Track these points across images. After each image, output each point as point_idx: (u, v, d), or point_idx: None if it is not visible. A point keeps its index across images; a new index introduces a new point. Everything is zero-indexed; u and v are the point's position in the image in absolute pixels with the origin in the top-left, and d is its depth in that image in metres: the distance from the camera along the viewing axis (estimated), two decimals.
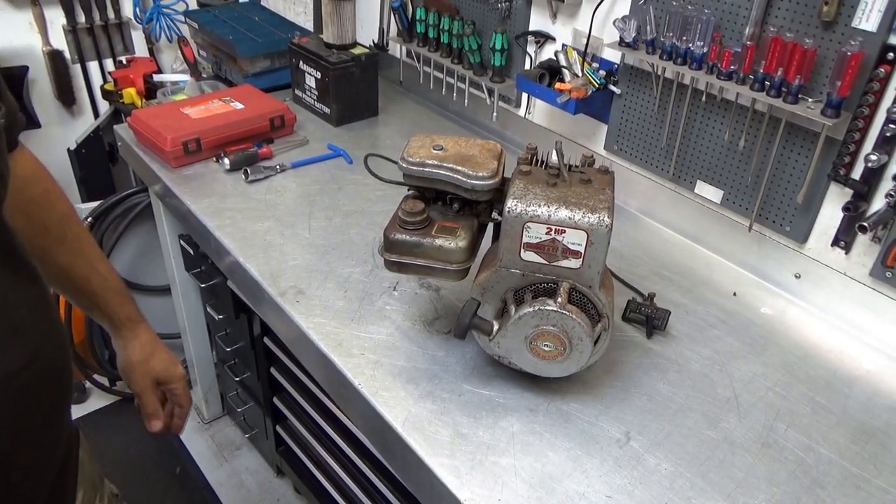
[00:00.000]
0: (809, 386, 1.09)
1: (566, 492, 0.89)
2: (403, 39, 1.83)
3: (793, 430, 1.01)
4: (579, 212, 0.88)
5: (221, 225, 1.36)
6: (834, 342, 1.19)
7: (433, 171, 0.96)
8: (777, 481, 0.93)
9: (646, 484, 0.91)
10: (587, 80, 1.43)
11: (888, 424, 1.03)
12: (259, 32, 2.05)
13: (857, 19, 1.06)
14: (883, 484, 0.94)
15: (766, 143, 1.24)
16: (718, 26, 1.22)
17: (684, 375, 1.09)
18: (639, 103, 1.43)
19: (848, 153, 1.14)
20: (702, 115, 1.33)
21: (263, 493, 2.05)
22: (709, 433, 0.99)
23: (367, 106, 1.85)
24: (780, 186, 1.26)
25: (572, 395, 1.04)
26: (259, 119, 1.65)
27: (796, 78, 1.11)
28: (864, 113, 1.10)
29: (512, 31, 1.60)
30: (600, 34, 1.44)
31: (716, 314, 1.23)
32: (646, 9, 1.30)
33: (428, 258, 0.97)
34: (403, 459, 0.97)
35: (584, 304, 0.94)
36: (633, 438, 0.98)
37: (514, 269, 0.94)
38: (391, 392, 1.02)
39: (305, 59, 1.79)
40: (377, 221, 1.41)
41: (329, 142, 1.72)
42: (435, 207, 1.01)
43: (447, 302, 1.21)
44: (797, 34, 1.12)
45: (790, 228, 1.27)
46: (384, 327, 1.14)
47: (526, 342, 0.94)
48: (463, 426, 0.97)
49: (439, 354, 1.09)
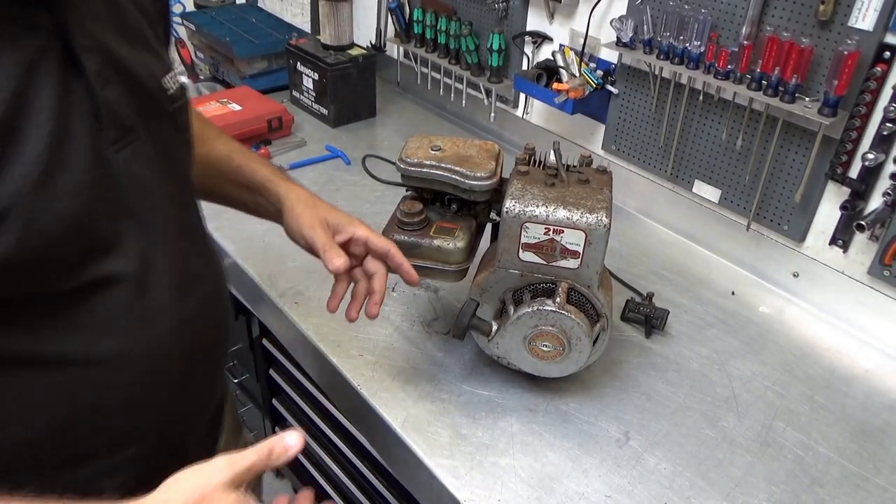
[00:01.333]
0: (808, 385, 1.09)
1: (566, 492, 0.90)
2: (401, 40, 1.83)
3: (791, 429, 1.01)
4: (577, 212, 0.88)
5: (220, 227, 1.36)
6: (832, 341, 1.19)
7: (431, 172, 0.96)
8: (776, 480, 0.93)
9: (645, 483, 0.91)
10: (584, 80, 1.43)
11: (887, 423, 1.04)
12: (256, 34, 2.05)
13: (854, 18, 1.06)
14: (882, 482, 0.94)
15: (763, 143, 1.24)
16: (715, 26, 1.23)
17: (683, 375, 1.09)
18: (636, 103, 1.44)
19: (845, 152, 1.14)
20: (699, 114, 1.33)
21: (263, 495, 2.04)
22: (708, 432, 1.00)
23: (364, 107, 1.85)
24: (778, 185, 1.26)
25: (571, 395, 1.04)
26: (257, 120, 1.65)
27: (793, 77, 1.11)
28: (861, 112, 1.10)
29: (509, 31, 1.60)
30: (597, 34, 1.44)
31: (714, 313, 1.23)
32: (643, 9, 1.30)
33: (426, 259, 0.97)
34: (403, 460, 0.97)
35: (582, 304, 0.94)
36: (632, 438, 0.98)
37: (512, 269, 0.94)
38: (390, 393, 1.02)
39: (303, 60, 1.79)
40: (375, 222, 1.40)
41: (327, 143, 1.72)
42: (433, 208, 1.01)
43: (446, 302, 1.21)
44: (794, 33, 1.12)
45: (788, 227, 1.27)
46: (383, 328, 1.14)
47: (525, 342, 0.94)
48: (462, 426, 0.97)
49: (438, 355, 1.09)
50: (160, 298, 0.68)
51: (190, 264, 0.73)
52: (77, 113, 0.58)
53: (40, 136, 0.55)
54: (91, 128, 0.60)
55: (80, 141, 0.58)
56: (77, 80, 0.59)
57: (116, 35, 0.64)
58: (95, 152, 0.60)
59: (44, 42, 0.56)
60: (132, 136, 0.65)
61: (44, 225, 0.56)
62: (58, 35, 0.57)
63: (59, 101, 0.57)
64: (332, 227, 0.88)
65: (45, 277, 0.59)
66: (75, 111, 0.58)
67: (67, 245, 0.59)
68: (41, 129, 0.55)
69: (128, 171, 0.64)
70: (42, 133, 0.55)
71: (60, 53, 0.58)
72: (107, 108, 0.61)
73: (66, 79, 0.58)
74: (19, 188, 0.54)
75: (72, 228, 0.58)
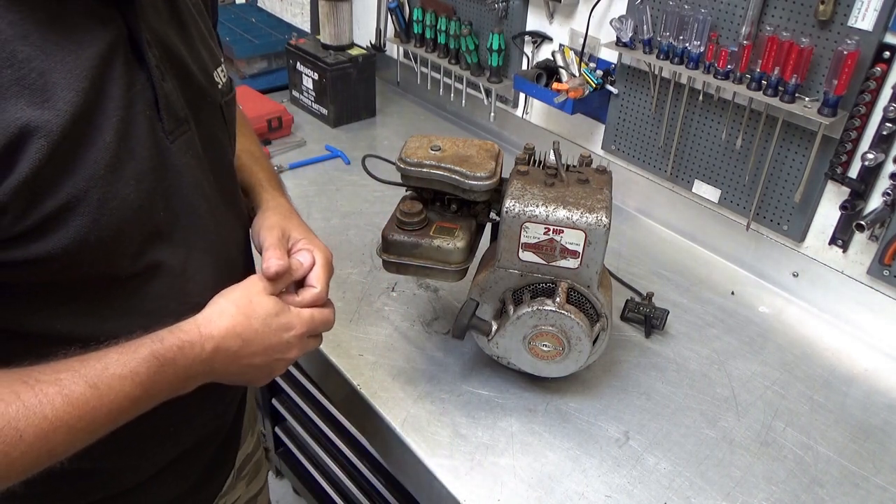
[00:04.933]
0: (808, 384, 1.09)
1: (565, 491, 0.90)
2: (401, 40, 1.83)
3: (791, 429, 1.01)
4: (577, 212, 0.88)
5: None
6: (832, 341, 1.19)
7: (431, 172, 0.96)
8: (776, 480, 0.93)
9: (645, 483, 0.91)
10: (584, 79, 1.43)
11: (886, 423, 1.04)
12: (256, 34, 2.05)
13: (854, 18, 1.06)
14: (881, 482, 0.94)
15: (763, 142, 1.24)
16: (715, 26, 1.23)
17: (683, 374, 1.09)
18: (636, 103, 1.44)
19: (845, 152, 1.14)
20: (699, 114, 1.33)
21: None
22: (707, 432, 1.00)
23: (364, 107, 1.85)
24: (778, 185, 1.26)
25: (571, 395, 1.04)
26: (256, 120, 1.65)
27: (793, 77, 1.11)
28: (860, 111, 1.10)
29: (509, 31, 1.60)
30: (597, 34, 1.44)
31: (714, 313, 1.23)
32: (642, 8, 1.30)
33: (426, 259, 0.97)
34: (403, 460, 0.97)
35: (582, 303, 0.94)
36: (631, 438, 0.98)
37: (512, 269, 0.94)
38: (390, 393, 1.02)
39: (303, 60, 1.79)
40: (375, 222, 1.41)
41: (327, 143, 1.72)
42: (433, 208, 1.01)
43: (446, 302, 1.21)
44: (793, 33, 1.12)
45: (788, 227, 1.27)
46: (383, 328, 1.14)
47: (524, 342, 0.94)
48: (462, 426, 0.97)
49: (438, 355, 1.09)
50: (203, 284, 0.72)
51: (229, 252, 0.79)
52: (140, 104, 0.62)
53: (111, 124, 0.59)
54: (151, 119, 0.63)
55: (142, 131, 0.62)
56: (139, 73, 0.62)
57: (173, 29, 0.68)
58: (154, 142, 0.64)
59: (115, 36, 0.60)
60: (184, 128, 0.68)
61: (114, 208, 0.60)
62: (125, 29, 0.61)
63: (125, 92, 0.60)
64: (291, 239, 0.83)
65: (111, 262, 0.63)
66: (138, 102, 0.62)
67: (132, 230, 0.63)
68: (111, 119, 0.59)
69: (179, 161, 0.67)
70: (112, 122, 0.59)
71: (126, 47, 0.61)
72: (164, 100, 0.64)
73: (131, 71, 0.61)
74: (94, 173, 0.58)
75: (136, 214, 0.62)
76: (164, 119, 0.65)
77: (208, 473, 0.90)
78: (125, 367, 0.60)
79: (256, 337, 0.70)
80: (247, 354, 0.70)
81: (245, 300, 0.71)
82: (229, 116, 0.80)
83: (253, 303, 0.71)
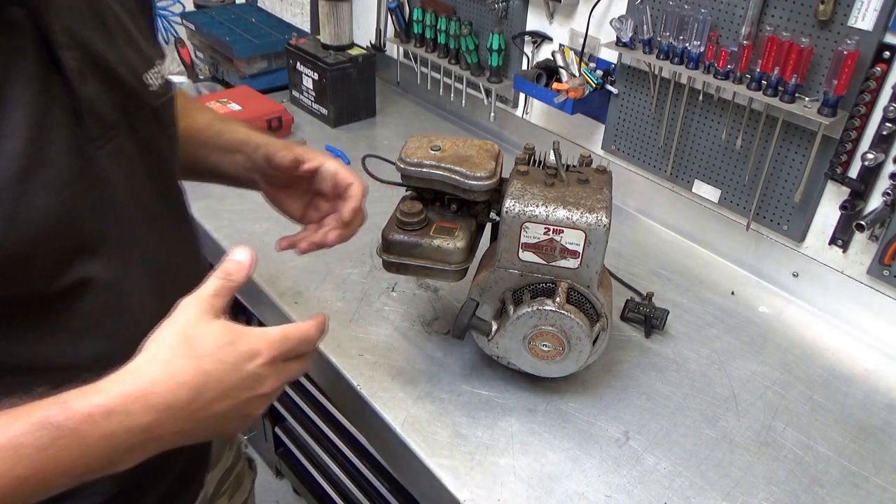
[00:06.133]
0: (808, 384, 1.09)
1: (565, 491, 0.90)
2: (400, 40, 1.83)
3: (791, 429, 1.01)
4: (577, 212, 0.88)
5: (219, 227, 1.36)
6: (832, 341, 1.19)
7: (431, 172, 0.96)
8: (776, 480, 0.93)
9: (645, 483, 0.91)
10: (584, 79, 1.43)
11: (886, 423, 1.04)
12: (256, 34, 2.05)
13: (853, 18, 1.06)
14: (881, 482, 0.94)
15: (763, 142, 1.24)
16: (715, 26, 1.23)
17: (683, 374, 1.09)
18: (636, 103, 1.44)
19: (845, 152, 1.14)
20: (699, 114, 1.33)
21: (262, 495, 2.04)
22: (707, 432, 1.00)
23: (364, 107, 1.85)
24: (778, 185, 1.26)
25: (571, 395, 1.04)
26: (256, 120, 1.65)
27: (793, 77, 1.11)
28: (860, 111, 1.10)
29: (509, 31, 1.60)
30: (597, 34, 1.44)
31: (714, 313, 1.23)
32: (642, 8, 1.30)
33: (426, 259, 0.97)
34: (403, 460, 0.97)
35: (582, 303, 0.94)
36: (631, 438, 0.98)
37: (512, 269, 0.94)
38: (390, 393, 1.02)
39: (303, 60, 1.79)
40: (375, 222, 1.40)
41: (327, 143, 1.72)
42: (433, 208, 1.01)
43: (445, 302, 1.21)
44: (793, 33, 1.12)
45: (788, 227, 1.27)
46: (383, 328, 1.14)
47: (524, 342, 0.94)
48: (462, 426, 0.97)
49: (438, 355, 1.09)
50: (142, 299, 0.66)
51: (172, 262, 0.72)
52: (57, 110, 0.58)
53: (19, 131, 0.54)
54: (71, 124, 0.59)
55: (59, 137, 0.58)
56: (56, 77, 0.58)
57: (95, 30, 0.63)
58: (76, 149, 0.59)
59: (21, 39, 0.56)
60: (113, 133, 0.63)
61: (27, 219, 0.55)
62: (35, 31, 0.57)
63: (36, 97, 0.56)
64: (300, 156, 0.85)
65: (33, 278, 0.58)
66: (55, 108, 0.58)
67: (53, 242, 0.58)
68: (19, 126, 0.54)
69: (110, 168, 0.62)
70: (20, 129, 0.54)
71: (38, 50, 0.57)
72: (87, 105, 0.60)
73: (44, 75, 0.57)
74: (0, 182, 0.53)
75: (57, 224, 0.57)
76: (89, 124, 0.60)
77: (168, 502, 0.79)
78: (3, 435, 0.49)
79: (209, 380, 0.57)
80: (202, 405, 0.57)
81: (180, 336, 0.58)
82: (167, 119, 0.75)
83: (192, 336, 0.58)
